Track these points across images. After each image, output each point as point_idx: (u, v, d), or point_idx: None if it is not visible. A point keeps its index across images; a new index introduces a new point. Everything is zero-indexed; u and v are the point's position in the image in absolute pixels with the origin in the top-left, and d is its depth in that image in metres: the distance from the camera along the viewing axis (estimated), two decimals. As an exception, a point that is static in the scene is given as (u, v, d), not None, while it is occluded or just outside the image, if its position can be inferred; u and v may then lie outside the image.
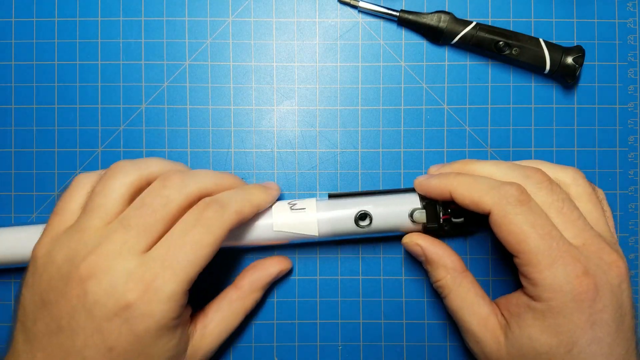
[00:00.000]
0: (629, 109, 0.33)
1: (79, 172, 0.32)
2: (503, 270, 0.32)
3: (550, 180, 0.26)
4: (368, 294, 0.32)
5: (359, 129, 0.33)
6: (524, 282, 0.25)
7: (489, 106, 0.33)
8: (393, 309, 0.32)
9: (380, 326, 0.32)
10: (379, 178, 0.32)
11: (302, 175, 0.33)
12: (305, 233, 0.29)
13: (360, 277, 0.32)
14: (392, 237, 0.32)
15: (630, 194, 0.33)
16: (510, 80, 0.33)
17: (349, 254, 0.32)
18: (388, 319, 0.32)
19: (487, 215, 0.25)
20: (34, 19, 0.32)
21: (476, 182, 0.26)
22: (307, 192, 0.32)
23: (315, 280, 0.32)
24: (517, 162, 0.28)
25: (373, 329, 0.32)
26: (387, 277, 0.32)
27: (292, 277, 0.32)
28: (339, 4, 0.33)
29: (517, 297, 0.26)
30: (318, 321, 0.32)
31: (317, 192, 0.32)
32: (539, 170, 0.26)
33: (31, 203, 0.32)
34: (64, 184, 0.32)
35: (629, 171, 0.33)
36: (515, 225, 0.24)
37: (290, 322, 0.32)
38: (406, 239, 0.30)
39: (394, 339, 0.32)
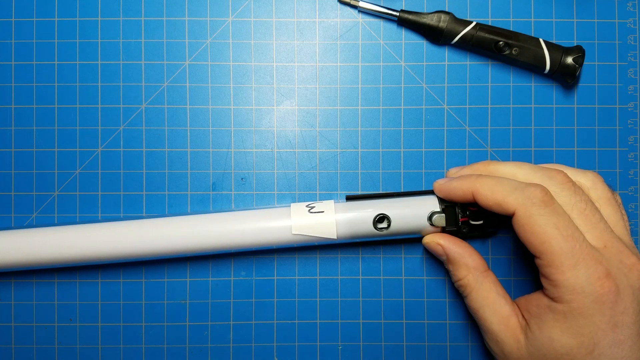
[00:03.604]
0: (629, 109, 0.33)
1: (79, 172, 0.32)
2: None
3: (572, 182, 0.26)
4: (368, 294, 0.32)
5: (359, 129, 0.33)
6: (545, 283, 0.25)
7: (489, 106, 0.33)
8: (393, 309, 0.32)
9: (380, 326, 0.32)
10: (379, 178, 0.32)
11: (302, 175, 0.33)
12: (323, 236, 0.29)
13: (360, 277, 0.32)
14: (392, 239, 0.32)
15: (630, 194, 0.33)
16: (510, 80, 0.33)
17: (349, 254, 0.32)
18: (388, 319, 0.32)
19: (509, 217, 0.25)
20: (34, 19, 0.32)
21: (499, 183, 0.26)
22: (307, 192, 0.32)
23: (315, 280, 0.32)
24: (538, 165, 0.28)
25: (373, 329, 0.32)
26: (387, 277, 0.32)
27: (292, 277, 0.32)
28: (339, 4, 0.33)
29: (537, 298, 0.26)
30: (318, 321, 0.32)
31: (317, 192, 0.33)
32: (562, 172, 0.26)
33: (31, 203, 0.32)
34: (64, 184, 0.32)
35: (629, 171, 0.33)
36: (539, 227, 0.24)
37: (290, 322, 0.32)
38: (427, 239, 0.30)
39: (394, 339, 0.32)
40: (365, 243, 0.32)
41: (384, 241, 0.32)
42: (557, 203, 0.25)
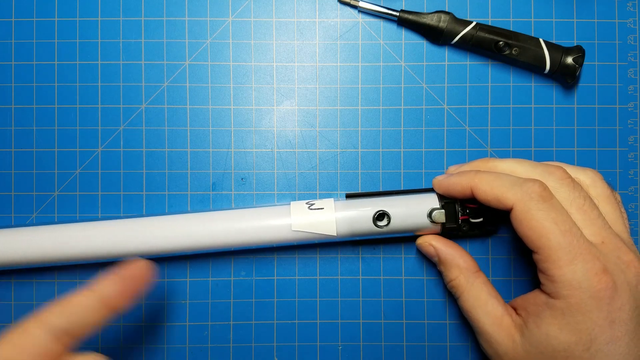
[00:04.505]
0: (629, 109, 0.33)
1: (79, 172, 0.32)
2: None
3: (571, 178, 0.26)
4: (368, 294, 0.32)
5: (359, 129, 0.33)
6: (542, 279, 0.25)
7: (489, 106, 0.33)
8: (393, 309, 0.32)
9: (380, 326, 0.32)
10: (379, 178, 0.32)
11: (302, 175, 0.33)
12: (323, 233, 0.29)
13: (360, 277, 0.32)
14: (392, 238, 0.32)
15: (630, 194, 0.33)
16: (510, 80, 0.33)
17: (349, 254, 0.32)
18: (388, 319, 0.32)
19: (508, 213, 0.25)
20: (34, 19, 0.32)
21: (498, 178, 0.26)
22: (307, 192, 0.32)
23: (315, 280, 0.32)
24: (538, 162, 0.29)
25: (373, 329, 0.32)
26: (386, 277, 0.32)
27: (292, 277, 0.32)
28: (339, 4, 0.33)
29: (534, 296, 0.26)
30: (318, 321, 0.32)
31: (317, 192, 0.33)
32: (560, 167, 0.26)
33: (31, 203, 0.32)
34: (64, 184, 0.32)
35: (629, 171, 0.33)
36: (537, 221, 0.24)
37: (290, 322, 0.32)
38: (420, 240, 0.30)
39: (394, 339, 0.32)
40: (365, 242, 0.32)
41: (383, 241, 0.32)
42: (556, 198, 0.25)
